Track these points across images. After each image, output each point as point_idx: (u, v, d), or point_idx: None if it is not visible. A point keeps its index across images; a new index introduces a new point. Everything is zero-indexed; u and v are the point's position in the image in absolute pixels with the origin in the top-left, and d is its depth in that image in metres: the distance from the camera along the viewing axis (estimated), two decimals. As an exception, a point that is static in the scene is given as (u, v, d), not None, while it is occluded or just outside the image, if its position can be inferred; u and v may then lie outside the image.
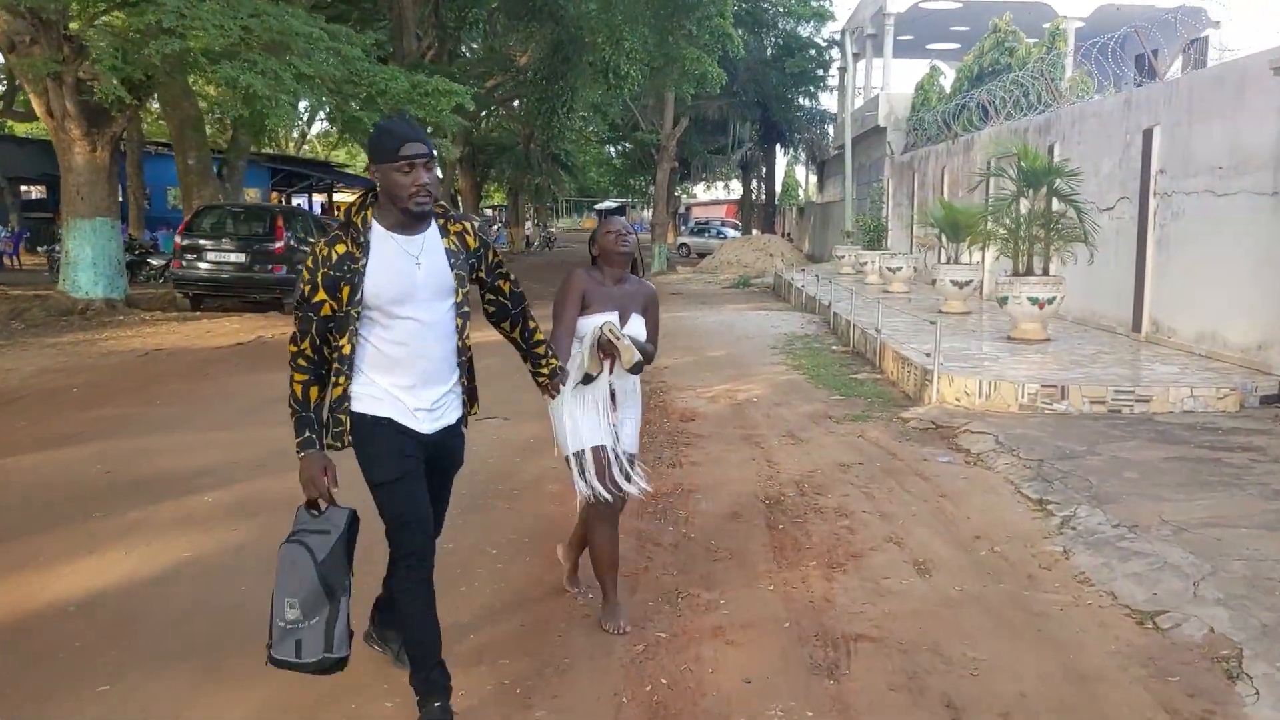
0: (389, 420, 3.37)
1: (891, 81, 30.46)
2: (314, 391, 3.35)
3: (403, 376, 3.36)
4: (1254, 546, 5.31)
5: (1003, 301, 12.01)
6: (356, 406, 3.36)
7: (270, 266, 17.05)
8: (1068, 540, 5.73)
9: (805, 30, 40.73)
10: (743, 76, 37.27)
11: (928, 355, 9.92)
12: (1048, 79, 17.14)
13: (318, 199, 44.70)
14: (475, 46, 34.69)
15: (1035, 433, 8.11)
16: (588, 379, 4.29)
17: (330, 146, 49.23)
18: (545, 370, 3.87)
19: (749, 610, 4.72)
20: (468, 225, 3.52)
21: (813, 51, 40.80)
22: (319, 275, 3.25)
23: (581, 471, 4.32)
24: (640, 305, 4.53)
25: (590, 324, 4.33)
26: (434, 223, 3.40)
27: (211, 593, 4.93)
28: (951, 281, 15.42)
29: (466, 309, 3.47)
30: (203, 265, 17.13)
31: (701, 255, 41.48)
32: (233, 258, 17.10)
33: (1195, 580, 4.87)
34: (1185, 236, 11.20)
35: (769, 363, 12.83)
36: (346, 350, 3.29)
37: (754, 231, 44.23)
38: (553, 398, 4.06)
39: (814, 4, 39.39)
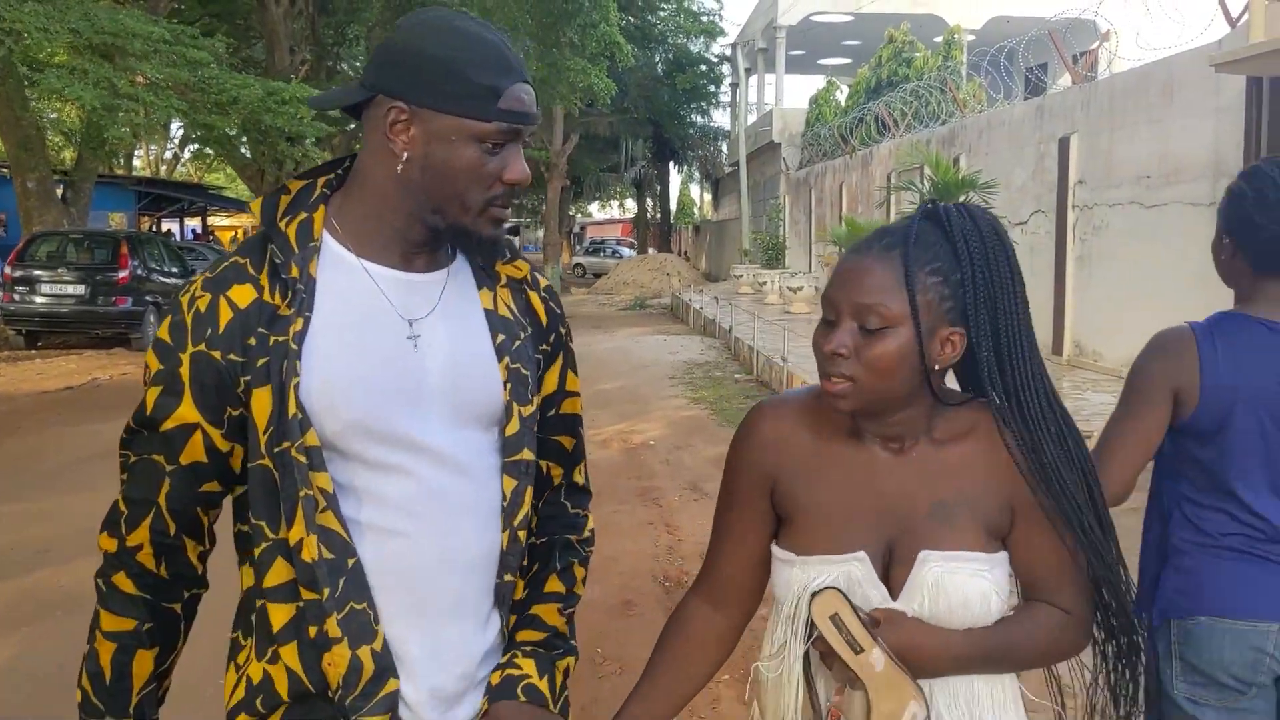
0: None
1: (785, 97, 29.90)
2: (142, 661, 1.44)
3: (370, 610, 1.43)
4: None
5: (916, 324, 11.12)
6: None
7: (114, 299, 15.40)
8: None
9: (695, 46, 40.11)
10: (633, 93, 36.40)
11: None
12: (951, 88, 16.46)
13: (191, 223, 42.44)
14: (358, 64, 33.23)
15: (970, 478, 7.13)
16: None
17: (205, 169, 46.90)
18: (522, 667, 1.52)
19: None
20: (531, 272, 1.62)
21: (704, 67, 40.19)
22: (179, 360, 1.38)
23: None
24: (957, 510, 1.45)
25: (794, 581, 1.47)
26: (462, 257, 1.53)
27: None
28: (857, 302, 14.57)
29: (531, 458, 1.52)
30: (38, 299, 15.41)
31: (597, 275, 40.48)
32: (72, 289, 15.40)
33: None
34: (1110, 251, 10.43)
35: (668, 396, 11.74)
36: (311, 554, 1.36)
37: (650, 250, 43.42)
38: None
39: (703, 19, 38.77)
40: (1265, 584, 1.97)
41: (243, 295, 1.38)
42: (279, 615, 1.38)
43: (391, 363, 1.40)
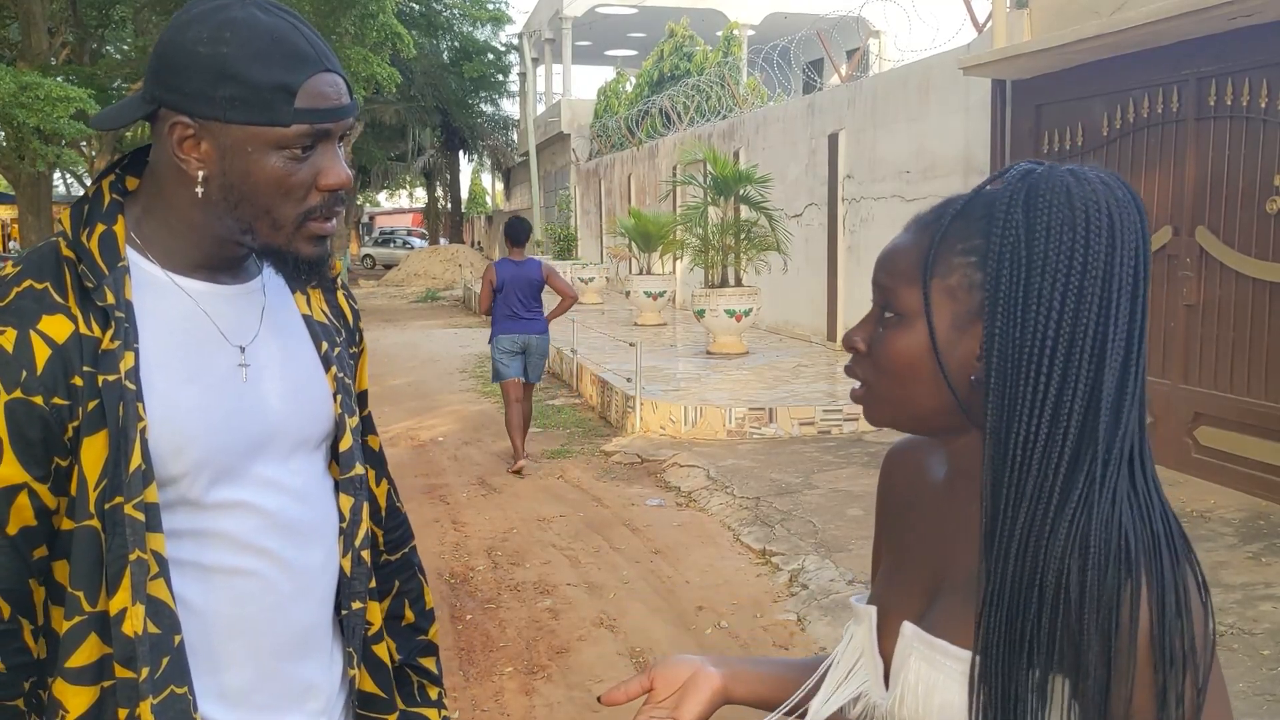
0: None
1: (573, 87, 30.05)
2: None
3: (215, 672, 1.29)
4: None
5: (700, 314, 11.47)
6: None
7: None
8: (800, 604, 4.98)
9: (482, 34, 39.76)
10: (419, 81, 35.82)
11: (628, 380, 9.12)
12: (730, 83, 16.95)
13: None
14: (126, 46, 31.38)
15: (747, 463, 7.44)
16: None
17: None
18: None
19: (428, 760, 3.59)
20: (342, 271, 1.50)
21: (491, 56, 39.89)
22: None
23: None
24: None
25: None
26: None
27: None
28: (645, 293, 14.87)
29: (363, 472, 1.44)
30: None
31: (388, 267, 39.74)
32: None
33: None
34: (876, 243, 11.01)
35: (458, 390, 11.71)
36: (134, 626, 1.17)
37: (442, 241, 42.91)
38: None
39: (490, 7, 38.49)
40: (510, 325, 7.67)
41: (57, 328, 1.17)
42: (77, 700, 1.18)
43: (229, 393, 1.27)
